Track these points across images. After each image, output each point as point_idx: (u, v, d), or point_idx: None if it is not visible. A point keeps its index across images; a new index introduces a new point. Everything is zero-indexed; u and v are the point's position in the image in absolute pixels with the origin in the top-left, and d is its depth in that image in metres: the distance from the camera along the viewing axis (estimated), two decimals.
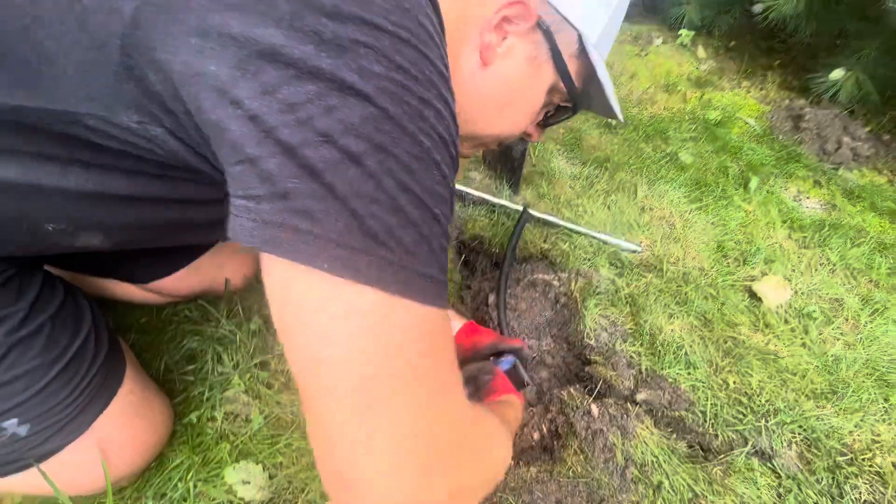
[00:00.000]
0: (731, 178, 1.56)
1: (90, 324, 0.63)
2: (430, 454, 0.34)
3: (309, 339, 0.31)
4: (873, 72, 1.88)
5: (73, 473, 0.60)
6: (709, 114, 1.91)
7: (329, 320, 0.30)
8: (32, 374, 0.54)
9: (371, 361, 0.31)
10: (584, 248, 1.19)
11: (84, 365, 0.59)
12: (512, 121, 0.60)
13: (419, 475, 0.33)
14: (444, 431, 0.35)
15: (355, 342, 0.31)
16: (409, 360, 0.32)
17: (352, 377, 0.31)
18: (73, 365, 0.58)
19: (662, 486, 0.75)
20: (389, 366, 0.31)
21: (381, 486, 0.32)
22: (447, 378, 0.37)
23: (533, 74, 0.55)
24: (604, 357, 0.95)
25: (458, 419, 0.38)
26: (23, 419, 0.54)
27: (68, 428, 0.58)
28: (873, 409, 0.91)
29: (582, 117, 1.73)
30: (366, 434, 0.31)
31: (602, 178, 1.43)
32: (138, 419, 0.66)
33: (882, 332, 1.08)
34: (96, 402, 0.60)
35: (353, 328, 0.31)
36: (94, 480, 0.62)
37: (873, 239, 1.36)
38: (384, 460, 0.32)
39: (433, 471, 0.34)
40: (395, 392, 0.32)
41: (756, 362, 0.97)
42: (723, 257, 1.24)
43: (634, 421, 0.82)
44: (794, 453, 0.84)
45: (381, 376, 0.31)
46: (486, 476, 0.45)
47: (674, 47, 2.53)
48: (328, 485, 0.35)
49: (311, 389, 0.33)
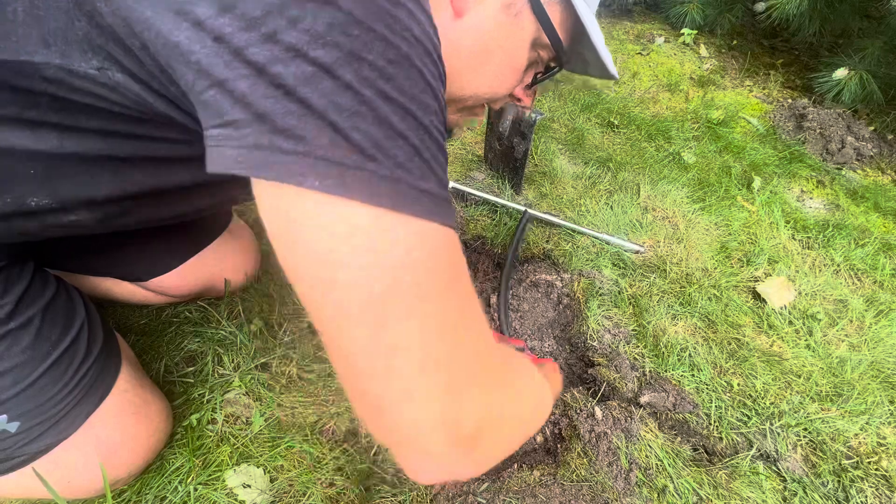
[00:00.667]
0: (734, 177, 1.56)
1: (83, 318, 0.61)
2: (454, 373, 0.33)
3: (311, 261, 0.30)
4: (877, 71, 1.87)
5: (68, 474, 0.59)
6: (711, 113, 1.90)
7: (329, 240, 0.29)
8: (21, 369, 0.53)
9: (378, 279, 0.30)
10: (587, 248, 1.18)
11: (76, 360, 0.57)
12: (494, 78, 0.56)
13: (445, 394, 0.32)
14: (467, 351, 0.34)
15: (358, 260, 0.29)
16: (417, 277, 0.31)
17: (360, 296, 0.30)
18: (65, 359, 0.56)
19: (667, 490, 0.75)
20: (398, 283, 0.30)
21: (408, 408, 0.31)
22: (462, 298, 0.34)
23: (511, 24, 0.52)
24: (607, 359, 0.95)
25: (479, 340, 0.36)
26: (12, 415, 0.52)
27: (61, 425, 0.56)
28: (879, 412, 0.90)
29: (583, 117, 1.72)
30: (384, 355, 0.30)
31: (604, 178, 1.42)
32: (135, 418, 0.65)
33: (887, 334, 1.07)
34: (90, 397, 0.59)
35: (354, 246, 0.29)
36: (91, 482, 0.61)
37: (877, 239, 1.35)
38: (406, 381, 0.31)
39: (459, 390, 0.33)
40: (409, 310, 0.30)
41: (760, 364, 0.96)
42: (726, 258, 1.23)
43: (638, 424, 0.81)
44: (800, 456, 0.83)
45: (391, 294, 0.30)
46: (518, 413, 0.42)
47: (676, 46, 2.52)
48: (364, 417, 0.34)
49: (323, 313, 0.31)
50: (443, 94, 0.36)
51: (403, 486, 0.72)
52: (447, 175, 0.35)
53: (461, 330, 0.34)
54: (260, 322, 0.88)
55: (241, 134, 0.29)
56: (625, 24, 2.75)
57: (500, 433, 0.38)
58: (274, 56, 0.28)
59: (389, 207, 0.30)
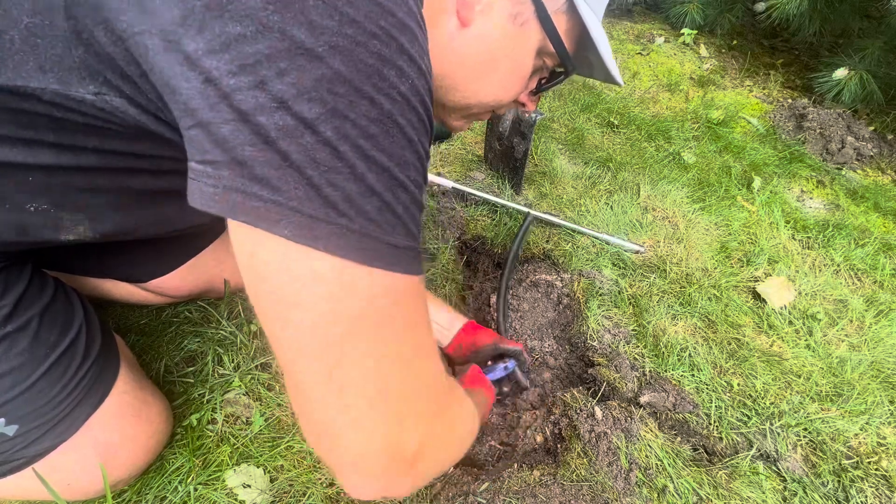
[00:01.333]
0: (734, 177, 1.56)
1: (81, 320, 0.61)
2: (400, 405, 0.36)
3: (275, 302, 0.32)
4: (877, 71, 1.87)
5: (68, 476, 0.59)
6: (711, 113, 1.90)
7: (294, 285, 0.31)
8: (19, 372, 0.52)
9: (336, 324, 0.32)
10: (587, 248, 1.18)
11: (74, 362, 0.57)
12: (500, 86, 0.56)
13: (390, 424, 0.36)
14: (415, 386, 0.37)
15: (320, 306, 0.32)
16: (375, 323, 0.33)
17: (319, 338, 0.32)
18: (63, 362, 0.56)
19: (667, 490, 0.75)
20: (356, 328, 0.33)
21: (355, 436, 0.35)
22: (417, 339, 0.38)
23: (517, 34, 0.52)
24: (607, 359, 0.95)
25: (428, 377, 0.39)
26: (10, 418, 0.52)
27: (59, 427, 0.56)
28: (879, 412, 0.90)
29: (583, 117, 1.72)
30: (337, 390, 0.33)
31: (604, 178, 1.42)
32: (135, 420, 0.64)
33: (887, 334, 1.07)
34: (88, 400, 0.58)
35: (318, 293, 0.31)
36: (91, 483, 0.60)
37: (877, 239, 1.35)
38: (356, 412, 0.34)
39: (403, 420, 0.36)
40: (364, 351, 0.33)
41: (760, 364, 0.96)
42: (726, 258, 1.23)
43: (638, 424, 0.81)
44: (800, 456, 0.83)
45: (348, 337, 0.33)
46: (452, 439, 0.46)
47: (676, 46, 2.52)
48: (309, 438, 0.38)
49: (280, 345, 0.34)
50: (426, 143, 0.37)
51: None
52: (419, 225, 0.37)
53: (412, 368, 0.37)
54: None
55: (219, 174, 0.30)
56: (625, 24, 2.75)
57: (436, 456, 0.42)
58: (259, 105, 0.29)
59: (355, 260, 0.32)
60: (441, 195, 1.27)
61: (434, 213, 1.21)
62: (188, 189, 0.31)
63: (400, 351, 0.36)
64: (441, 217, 1.20)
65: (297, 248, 0.30)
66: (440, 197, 1.26)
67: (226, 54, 0.29)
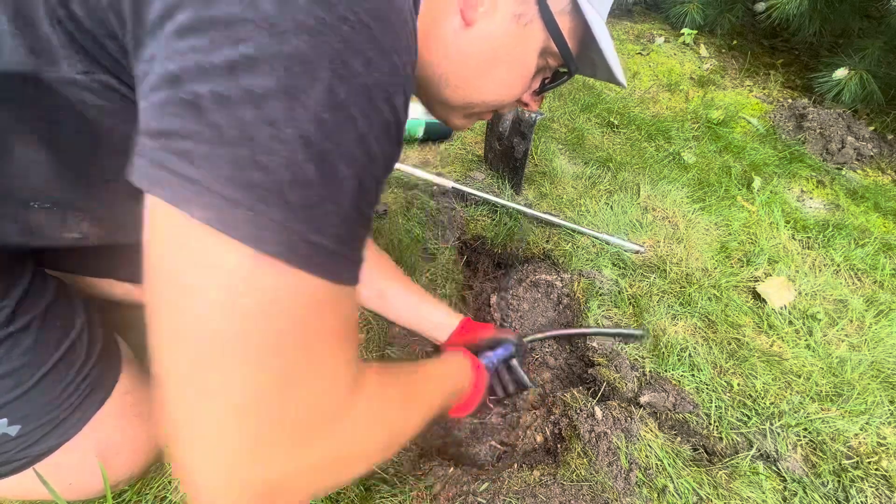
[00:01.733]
0: (734, 177, 1.56)
1: (83, 320, 0.60)
2: (265, 429, 0.30)
3: (167, 281, 0.29)
4: (877, 70, 1.88)
5: (69, 476, 0.59)
6: (711, 113, 1.90)
7: (191, 268, 0.28)
8: (20, 373, 0.52)
9: (226, 319, 0.28)
10: (587, 248, 1.18)
11: (77, 362, 0.57)
12: (502, 86, 0.56)
13: (244, 446, 0.30)
14: (294, 410, 0.31)
15: (216, 295, 0.28)
16: (271, 327, 0.29)
17: (201, 329, 0.28)
18: (65, 362, 0.56)
19: (667, 490, 0.75)
20: (246, 328, 0.28)
21: (199, 451, 0.30)
22: (320, 355, 0.32)
23: (520, 34, 0.51)
24: (607, 359, 0.95)
25: (318, 400, 0.33)
26: (12, 418, 0.52)
27: (61, 428, 0.56)
28: (879, 412, 0.90)
29: (583, 117, 1.72)
30: (197, 391, 0.29)
31: (604, 178, 1.42)
32: (137, 419, 0.64)
33: (887, 334, 1.07)
34: (90, 400, 0.59)
35: (215, 282, 0.28)
36: (93, 483, 0.60)
37: (877, 239, 1.35)
38: (206, 423, 0.29)
39: (263, 446, 0.30)
40: (244, 357, 0.29)
41: (760, 364, 0.96)
42: (726, 258, 1.23)
43: (638, 423, 0.81)
44: (800, 456, 0.83)
45: (233, 336, 0.28)
46: (357, 454, 0.39)
47: (676, 46, 2.52)
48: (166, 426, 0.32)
49: (159, 328, 0.30)
50: (385, 145, 0.34)
51: (403, 486, 0.72)
52: (355, 231, 0.33)
53: (299, 385, 0.31)
54: None
55: (146, 145, 0.28)
56: (625, 24, 2.75)
57: (310, 485, 0.35)
58: (200, 69, 0.27)
59: (270, 253, 0.28)
60: (441, 195, 1.27)
61: (434, 212, 1.21)
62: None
63: (288, 363, 0.30)
64: (441, 217, 1.21)
65: (206, 231, 0.27)
66: (440, 197, 1.26)
67: (181, 14, 0.27)
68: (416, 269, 1.06)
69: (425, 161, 1.39)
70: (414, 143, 1.44)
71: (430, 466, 0.75)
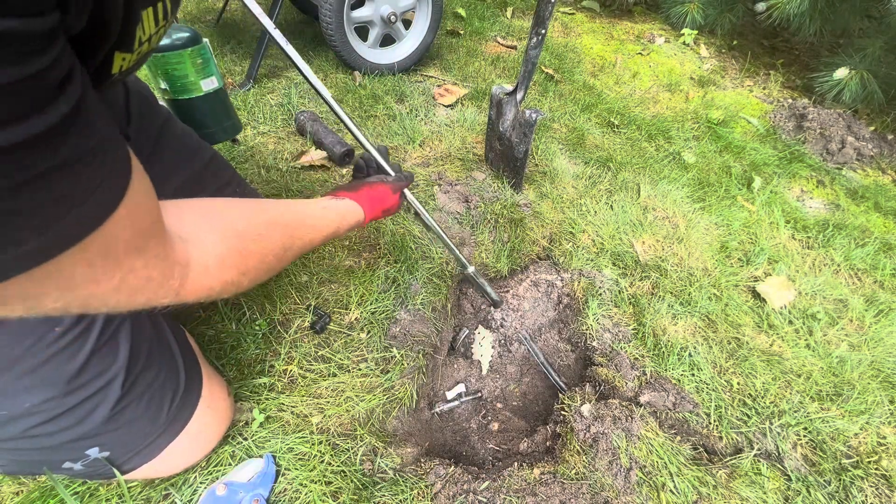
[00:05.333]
0: (735, 177, 1.56)
1: (180, 359, 0.64)
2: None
3: None
4: (877, 70, 1.88)
5: (147, 474, 0.64)
6: (711, 113, 1.90)
7: None
8: (123, 415, 0.56)
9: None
10: (587, 248, 1.18)
11: (167, 397, 0.61)
12: None
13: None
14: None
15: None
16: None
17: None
18: (165, 396, 0.60)
19: (667, 488, 0.75)
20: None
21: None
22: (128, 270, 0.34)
23: None
24: (607, 358, 0.95)
25: (161, 283, 0.37)
26: (104, 448, 0.56)
27: (144, 452, 0.60)
28: (879, 412, 0.90)
29: (584, 117, 1.72)
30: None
31: (605, 178, 1.42)
32: (215, 415, 0.69)
33: (887, 334, 1.07)
34: (175, 427, 0.63)
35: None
36: (178, 470, 0.67)
37: (878, 239, 1.35)
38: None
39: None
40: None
41: (760, 364, 0.96)
42: (726, 258, 1.23)
43: (638, 423, 0.81)
44: (800, 455, 0.83)
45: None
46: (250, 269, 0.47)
47: (676, 46, 2.52)
48: None
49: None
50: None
51: (403, 485, 0.72)
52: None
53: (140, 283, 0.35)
54: (264, 323, 0.88)
55: None
56: (625, 24, 2.75)
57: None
58: None
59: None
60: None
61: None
62: None
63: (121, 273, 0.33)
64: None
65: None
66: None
67: None
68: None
69: (425, 161, 1.39)
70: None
71: (431, 465, 0.75)
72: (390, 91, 1.63)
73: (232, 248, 0.46)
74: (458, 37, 2.19)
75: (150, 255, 0.36)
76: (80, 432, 0.53)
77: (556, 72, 2.00)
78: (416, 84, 1.73)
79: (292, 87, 1.56)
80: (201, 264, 0.42)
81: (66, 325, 0.49)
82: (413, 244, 1.09)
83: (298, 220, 0.59)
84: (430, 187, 1.28)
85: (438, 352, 0.98)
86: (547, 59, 2.11)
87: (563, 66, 2.07)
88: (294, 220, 0.58)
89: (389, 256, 1.05)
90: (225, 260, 0.45)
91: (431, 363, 0.95)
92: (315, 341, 0.88)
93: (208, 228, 0.45)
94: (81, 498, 0.65)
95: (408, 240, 1.09)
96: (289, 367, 0.84)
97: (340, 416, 0.79)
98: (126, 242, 0.32)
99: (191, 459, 0.68)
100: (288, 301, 0.94)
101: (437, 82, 1.78)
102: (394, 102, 1.58)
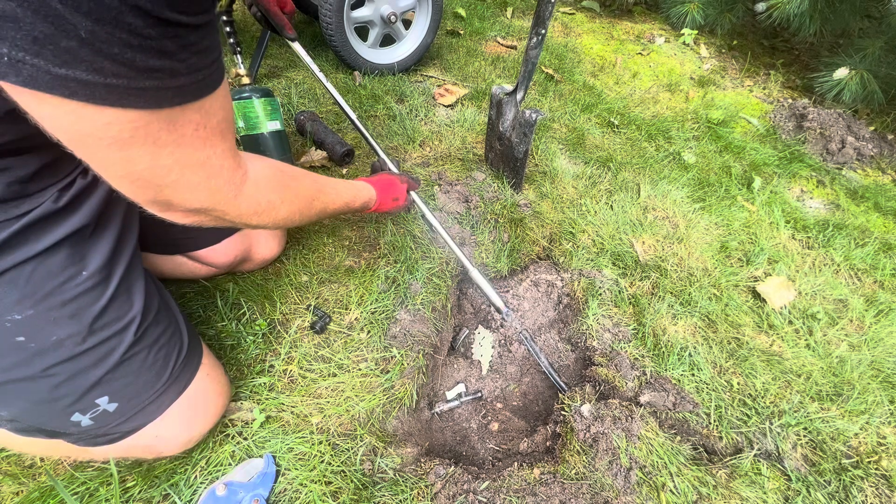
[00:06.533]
0: (734, 177, 1.56)
1: (180, 316, 0.69)
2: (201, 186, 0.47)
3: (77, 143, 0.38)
4: (877, 70, 1.88)
5: (150, 442, 0.65)
6: (711, 113, 1.90)
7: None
8: (132, 363, 0.60)
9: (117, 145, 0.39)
10: (587, 248, 1.18)
11: (173, 354, 0.65)
12: None
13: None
14: (197, 181, 0.46)
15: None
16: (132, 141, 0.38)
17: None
18: (170, 355, 0.64)
19: (667, 488, 0.75)
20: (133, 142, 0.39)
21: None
22: (193, 152, 0.43)
23: None
24: (607, 358, 0.95)
25: (215, 170, 0.47)
26: (113, 397, 0.59)
27: (149, 408, 0.63)
28: (879, 412, 0.90)
29: (584, 117, 1.72)
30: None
31: (605, 178, 1.42)
32: (214, 384, 0.72)
33: (887, 334, 1.07)
34: (177, 385, 0.66)
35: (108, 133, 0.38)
36: (169, 448, 0.67)
37: (878, 239, 1.35)
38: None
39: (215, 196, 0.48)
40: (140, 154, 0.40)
41: (760, 364, 0.96)
42: (726, 258, 1.23)
43: (639, 422, 0.81)
44: (800, 455, 0.83)
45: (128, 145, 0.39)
46: (267, 207, 0.57)
47: (676, 46, 2.52)
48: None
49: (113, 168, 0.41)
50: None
51: (403, 485, 0.72)
52: (153, 67, 0.36)
53: (194, 168, 0.45)
54: (264, 323, 0.88)
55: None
56: (625, 24, 2.75)
57: (259, 219, 0.57)
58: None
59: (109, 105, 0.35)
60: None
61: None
62: None
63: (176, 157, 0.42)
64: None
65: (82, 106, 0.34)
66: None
67: None
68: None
69: (425, 161, 1.39)
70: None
71: (431, 465, 0.75)
72: (390, 91, 1.63)
73: (275, 177, 0.59)
74: (458, 37, 2.19)
75: (227, 146, 0.47)
76: (94, 376, 0.56)
77: (556, 72, 2.00)
78: (416, 84, 1.73)
79: (292, 87, 1.56)
80: (253, 178, 0.54)
81: (92, 271, 0.56)
82: (413, 244, 1.09)
83: (322, 181, 0.74)
84: (431, 187, 1.28)
85: (438, 352, 0.98)
86: (547, 59, 2.11)
87: (563, 66, 2.07)
88: (319, 180, 0.73)
89: (389, 256, 1.05)
90: (270, 181, 0.58)
91: (431, 363, 0.95)
92: (315, 341, 0.88)
93: (258, 160, 0.58)
94: (81, 498, 0.65)
95: (408, 240, 1.09)
96: (289, 367, 0.84)
97: (340, 416, 0.79)
98: (218, 122, 0.44)
99: (190, 432, 0.68)
100: (288, 301, 0.94)
101: (437, 82, 1.78)
102: (394, 102, 1.58)
